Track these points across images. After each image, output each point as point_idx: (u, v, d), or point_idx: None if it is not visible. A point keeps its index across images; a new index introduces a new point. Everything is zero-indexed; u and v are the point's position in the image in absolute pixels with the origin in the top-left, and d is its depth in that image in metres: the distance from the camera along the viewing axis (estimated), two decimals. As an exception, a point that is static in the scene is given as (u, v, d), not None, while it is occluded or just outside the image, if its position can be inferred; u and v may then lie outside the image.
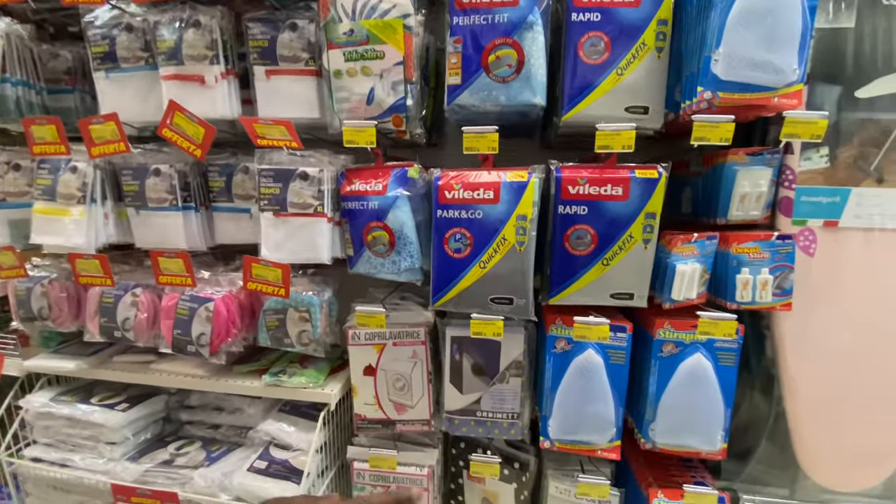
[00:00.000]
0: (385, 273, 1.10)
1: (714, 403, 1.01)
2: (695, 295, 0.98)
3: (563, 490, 1.18)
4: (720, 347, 1.01)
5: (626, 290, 1.00)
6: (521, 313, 1.00)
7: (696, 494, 1.03)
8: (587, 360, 1.03)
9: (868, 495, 1.10)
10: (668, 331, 1.02)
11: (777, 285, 0.96)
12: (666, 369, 1.03)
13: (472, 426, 1.19)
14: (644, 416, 1.06)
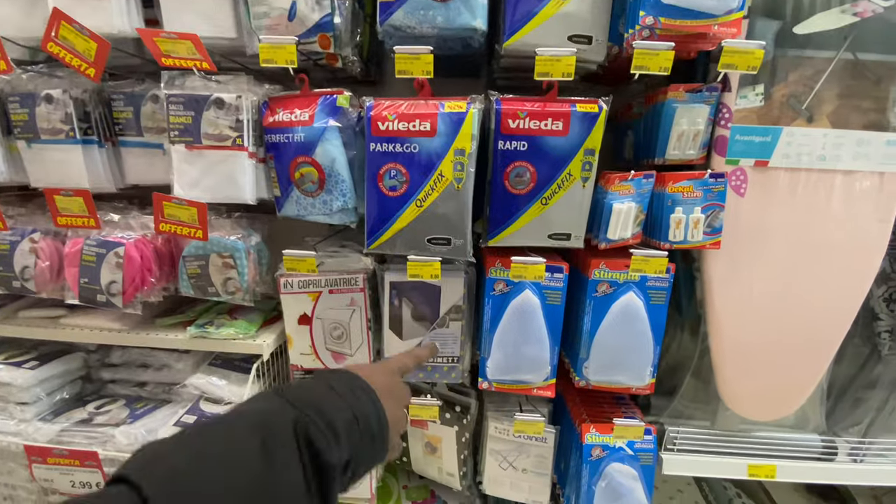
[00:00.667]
0: (316, 215, 1.03)
1: (644, 340, 1.04)
2: (630, 234, 0.98)
3: (501, 430, 1.21)
4: (652, 287, 1.02)
5: (564, 231, 0.99)
6: (459, 254, 0.97)
7: (624, 427, 1.07)
8: (524, 301, 1.02)
9: (781, 425, 1.19)
10: (602, 271, 1.02)
11: (708, 224, 0.98)
12: (600, 309, 1.04)
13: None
14: (578, 355, 1.08)
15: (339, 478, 0.46)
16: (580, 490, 1.13)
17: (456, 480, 1.33)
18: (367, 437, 0.52)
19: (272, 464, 0.39)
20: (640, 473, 1.10)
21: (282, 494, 0.38)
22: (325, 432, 0.45)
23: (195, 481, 0.36)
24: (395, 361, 0.83)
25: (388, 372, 0.71)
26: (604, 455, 1.11)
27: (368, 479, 1.27)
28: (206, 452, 0.39)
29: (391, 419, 0.57)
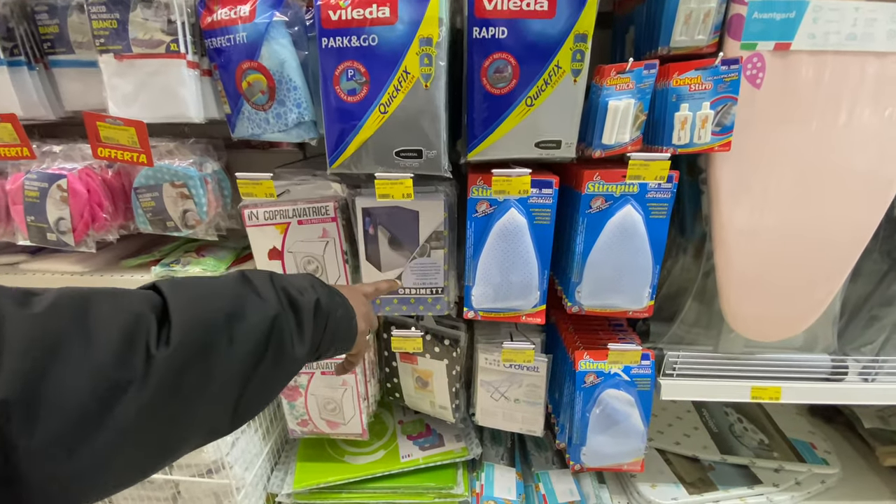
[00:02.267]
0: (271, 132, 0.91)
1: (643, 259, 0.94)
2: (628, 137, 0.86)
3: (491, 361, 1.15)
4: (652, 199, 0.92)
5: (554, 138, 0.87)
6: (433, 168, 0.85)
7: (619, 352, 1.00)
8: (509, 221, 0.92)
9: (787, 346, 1.13)
10: (597, 184, 0.91)
11: (718, 122, 0.85)
12: (594, 227, 0.94)
13: (395, 304, 1.10)
14: (570, 279, 0.99)
15: (309, 319, 0.52)
16: (574, 418, 1.09)
17: (449, 413, 1.31)
18: (334, 296, 0.60)
19: (251, 284, 0.49)
20: (637, 399, 1.05)
21: (258, 299, 0.48)
22: (295, 286, 0.53)
23: (196, 287, 0.45)
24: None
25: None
26: (598, 381, 1.05)
27: (360, 415, 1.24)
28: (206, 281, 0.48)
29: (354, 305, 0.64)
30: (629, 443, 1.09)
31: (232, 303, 0.45)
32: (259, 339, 0.45)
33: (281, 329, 0.47)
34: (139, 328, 0.37)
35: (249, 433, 1.27)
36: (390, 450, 1.38)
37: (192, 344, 0.39)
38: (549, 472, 1.31)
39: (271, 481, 1.35)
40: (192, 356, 0.39)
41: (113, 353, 0.35)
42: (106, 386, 0.33)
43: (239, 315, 0.45)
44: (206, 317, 0.42)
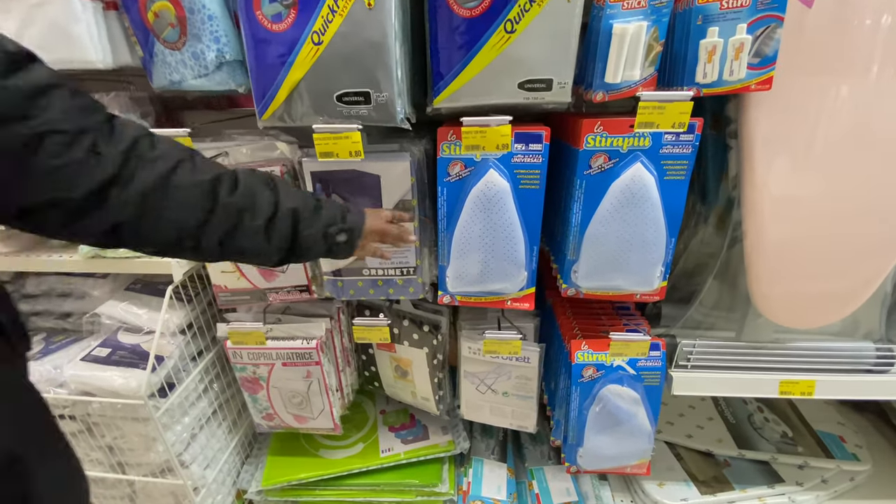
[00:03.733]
0: (191, 78, 0.73)
1: (654, 231, 0.76)
2: (639, 74, 0.67)
3: (475, 350, 1.00)
4: (668, 155, 0.73)
5: (542, 76, 0.68)
6: (384, 116, 0.67)
7: (623, 343, 0.84)
8: (489, 185, 0.75)
9: (822, 332, 0.95)
10: (599, 136, 0.72)
11: (756, 51, 0.65)
12: (595, 191, 0.76)
13: (360, 287, 0.94)
14: (566, 255, 0.82)
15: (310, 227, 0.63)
16: (570, 415, 0.94)
17: (432, 405, 1.17)
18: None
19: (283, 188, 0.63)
20: (644, 396, 0.90)
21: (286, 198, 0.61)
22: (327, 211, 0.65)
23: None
24: None
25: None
26: (598, 376, 0.89)
27: (329, 409, 1.10)
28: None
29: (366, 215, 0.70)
30: (633, 444, 0.94)
31: (275, 193, 0.61)
32: (270, 211, 0.60)
33: (296, 219, 0.61)
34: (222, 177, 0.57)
35: (212, 427, 1.15)
36: (369, 443, 1.26)
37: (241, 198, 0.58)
38: (545, 468, 1.18)
39: (241, 476, 1.24)
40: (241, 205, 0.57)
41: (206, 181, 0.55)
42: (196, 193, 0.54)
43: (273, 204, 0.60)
44: (257, 192, 0.59)
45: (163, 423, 0.98)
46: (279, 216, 0.60)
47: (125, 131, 0.50)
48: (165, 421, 0.99)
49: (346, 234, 0.66)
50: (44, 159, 0.44)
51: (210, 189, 0.55)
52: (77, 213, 0.48)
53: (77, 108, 0.47)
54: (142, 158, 0.50)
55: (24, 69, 0.44)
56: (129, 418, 0.99)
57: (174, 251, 0.57)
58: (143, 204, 0.50)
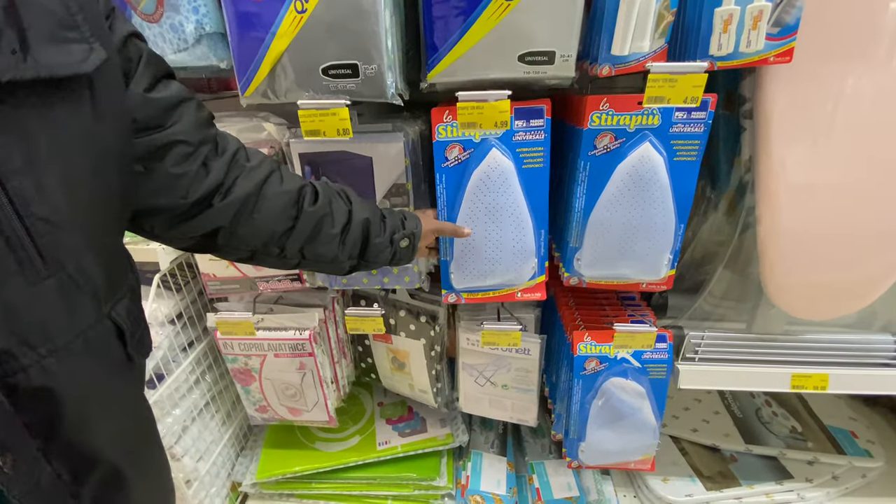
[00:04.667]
0: (171, 53, 0.69)
1: (663, 215, 0.72)
2: (648, 45, 0.62)
3: (473, 342, 0.96)
4: (678, 134, 0.68)
5: (543, 48, 0.63)
6: (374, 90, 0.63)
7: (628, 335, 0.80)
8: (491, 166, 0.70)
9: (839, 324, 0.91)
10: (604, 114, 0.68)
11: (776, 20, 0.60)
12: (599, 173, 0.72)
13: (353, 276, 0.90)
14: (568, 242, 0.78)
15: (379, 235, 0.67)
16: (571, 408, 0.91)
17: (430, 397, 1.14)
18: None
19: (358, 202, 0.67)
20: (649, 389, 0.86)
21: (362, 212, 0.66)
22: (391, 220, 0.70)
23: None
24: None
25: None
26: (601, 368, 0.86)
27: (324, 401, 1.07)
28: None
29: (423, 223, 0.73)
30: (638, 439, 0.90)
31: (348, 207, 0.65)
32: (345, 220, 0.64)
33: (367, 228, 0.65)
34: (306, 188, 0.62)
35: (205, 419, 1.12)
36: (366, 435, 1.23)
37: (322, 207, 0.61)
38: (546, 462, 1.15)
39: (236, 468, 1.22)
40: (322, 214, 0.61)
41: (293, 191, 0.59)
42: (284, 202, 0.59)
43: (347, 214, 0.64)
44: (334, 203, 0.63)
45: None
46: (353, 225, 0.64)
47: (228, 143, 0.55)
48: (156, 412, 0.96)
49: (407, 240, 0.69)
50: (167, 167, 0.48)
51: (295, 199, 0.59)
52: (183, 218, 0.52)
53: (201, 121, 0.51)
54: (241, 169, 0.55)
55: (164, 84, 0.48)
56: (117, 410, 0.96)
57: (260, 257, 0.61)
58: (241, 210, 0.55)
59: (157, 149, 0.47)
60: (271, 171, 0.58)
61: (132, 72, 0.44)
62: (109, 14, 0.42)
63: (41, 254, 0.33)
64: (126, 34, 0.43)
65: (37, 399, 0.34)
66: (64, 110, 0.34)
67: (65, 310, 0.35)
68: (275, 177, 0.58)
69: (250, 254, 0.60)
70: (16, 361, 0.32)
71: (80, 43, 0.35)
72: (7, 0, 0.30)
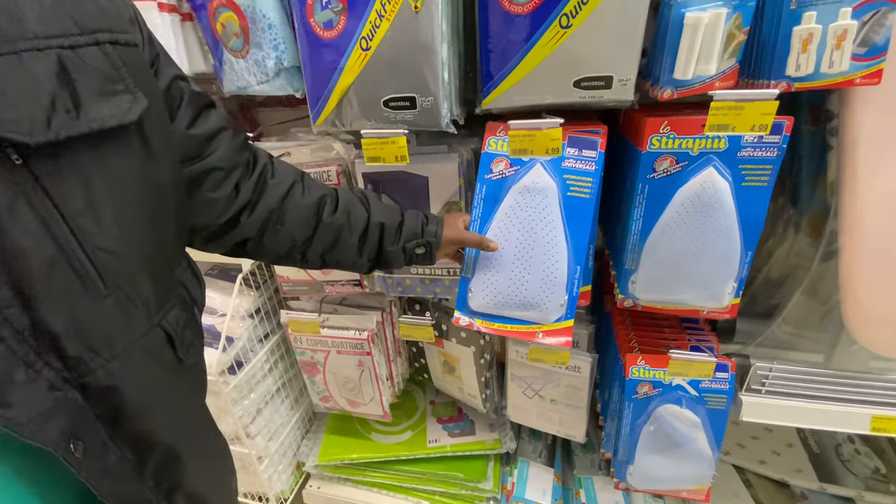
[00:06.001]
0: (255, 84, 0.77)
1: (727, 243, 0.68)
2: (715, 68, 0.59)
3: (522, 354, 0.98)
4: (747, 159, 0.64)
5: (601, 73, 0.62)
6: (430, 120, 0.66)
7: (684, 362, 0.77)
8: (533, 181, 0.70)
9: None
10: (665, 137, 0.66)
11: (863, 40, 0.55)
12: (659, 197, 0.69)
13: (408, 285, 0.96)
14: (624, 263, 0.77)
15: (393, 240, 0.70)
16: (621, 430, 0.89)
17: (479, 402, 1.17)
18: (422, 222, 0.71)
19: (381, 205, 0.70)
20: (706, 419, 0.82)
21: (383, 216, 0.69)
22: (409, 223, 0.71)
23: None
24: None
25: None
26: (654, 394, 0.83)
27: (379, 396, 1.15)
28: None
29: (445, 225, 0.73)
30: (690, 468, 0.87)
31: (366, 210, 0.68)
32: (363, 227, 0.67)
33: (382, 234, 0.68)
34: (326, 199, 0.64)
35: (276, 403, 1.25)
36: (418, 431, 1.29)
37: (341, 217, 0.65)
38: (594, 477, 1.14)
39: (301, 450, 1.34)
40: (340, 223, 0.65)
41: (312, 203, 0.63)
42: (304, 214, 0.63)
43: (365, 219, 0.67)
44: (352, 211, 0.66)
45: (232, 397, 1.08)
46: (370, 231, 0.66)
47: (257, 162, 0.60)
48: (234, 395, 1.09)
49: (424, 248, 0.70)
50: (204, 192, 0.53)
51: (315, 210, 0.63)
52: (216, 234, 0.58)
53: (236, 148, 0.56)
54: (266, 185, 0.60)
55: (204, 117, 0.53)
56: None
57: (286, 261, 0.66)
58: (265, 224, 0.60)
59: (197, 176, 0.52)
60: (293, 184, 0.62)
61: (176, 110, 0.49)
62: (154, 60, 0.46)
63: (102, 278, 0.38)
64: (171, 78, 0.48)
65: (104, 395, 0.41)
66: (115, 155, 0.39)
67: (123, 322, 0.41)
68: (296, 190, 0.62)
69: (276, 258, 0.65)
70: (86, 365, 0.39)
71: (125, 94, 0.39)
72: (59, 65, 0.35)
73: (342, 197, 0.66)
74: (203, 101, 0.53)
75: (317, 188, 0.65)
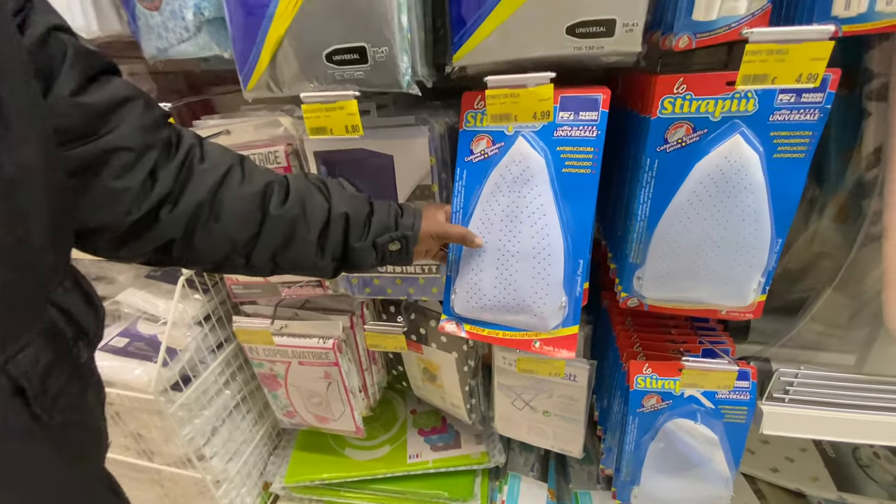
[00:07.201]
0: (176, 43, 0.62)
1: (753, 228, 0.56)
2: (744, 7, 0.46)
3: (510, 361, 0.85)
4: (782, 124, 0.52)
5: (599, 15, 0.49)
6: (386, 77, 0.52)
7: (700, 372, 0.65)
8: (515, 160, 0.57)
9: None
10: (680, 98, 0.53)
11: (946, -41, 0.42)
12: (670, 174, 0.57)
13: (376, 286, 0.82)
14: (627, 257, 0.64)
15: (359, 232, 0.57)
16: (624, 447, 0.78)
17: (463, 413, 1.05)
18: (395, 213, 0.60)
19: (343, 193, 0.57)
20: (724, 435, 0.71)
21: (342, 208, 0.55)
22: (379, 219, 0.58)
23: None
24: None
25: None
26: (662, 406, 0.72)
27: (350, 412, 1.02)
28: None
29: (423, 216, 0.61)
30: (705, 489, 0.76)
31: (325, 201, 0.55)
32: (323, 220, 0.54)
33: (346, 228, 0.56)
34: (272, 186, 0.52)
35: (236, 420, 1.11)
36: (397, 445, 1.17)
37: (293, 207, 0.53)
38: (592, 493, 1.03)
39: (268, 468, 1.20)
40: (293, 215, 0.53)
41: (256, 192, 0.51)
42: (245, 206, 0.50)
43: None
44: (309, 201, 0.54)
45: (179, 417, 0.94)
46: (332, 224, 0.55)
47: (182, 144, 0.48)
48: (182, 415, 0.95)
49: (399, 243, 0.58)
50: (105, 181, 0.41)
51: (260, 201, 0.51)
52: (129, 236, 0.44)
53: (148, 125, 0.44)
54: (193, 172, 0.47)
55: (100, 84, 0.41)
56: (146, 410, 0.96)
57: (227, 267, 0.54)
58: (194, 220, 0.47)
59: (92, 159, 0.40)
60: (229, 171, 0.49)
61: (55, 70, 0.37)
62: (22, 8, 0.34)
63: None
64: (47, 28, 0.35)
65: None
66: None
67: None
68: (233, 177, 0.50)
69: (214, 265, 0.52)
70: None
71: None
72: None
73: (294, 184, 0.54)
74: (100, 64, 0.41)
75: (261, 174, 0.53)
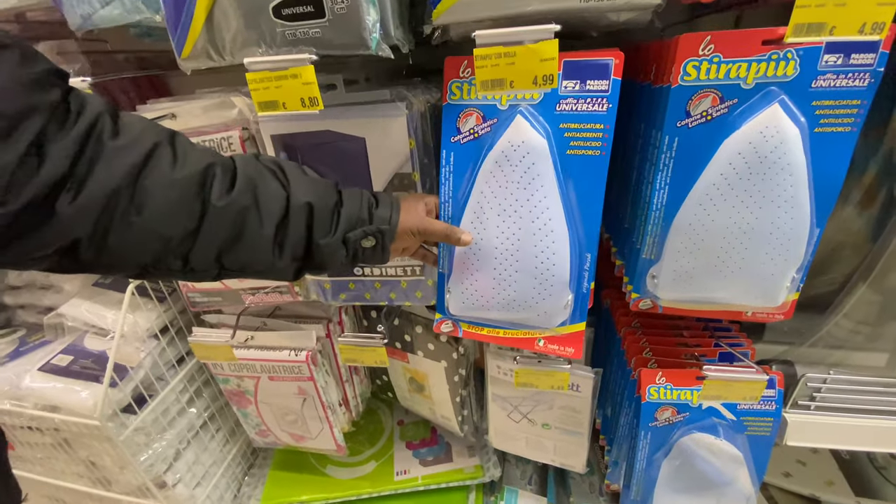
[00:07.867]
0: (100, 8, 0.51)
1: (791, 215, 0.48)
2: (792, -59, 0.37)
3: (505, 370, 0.76)
4: (826, 90, 0.43)
5: (612, -42, 0.40)
6: (349, 37, 0.42)
7: (723, 382, 0.57)
8: (512, 141, 0.48)
9: None
10: (706, 62, 0.44)
11: None
12: (693, 154, 0.48)
13: (352, 291, 0.72)
14: (639, 253, 0.55)
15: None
16: (634, 464, 0.69)
17: (454, 425, 0.96)
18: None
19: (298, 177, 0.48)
20: (748, 450, 0.63)
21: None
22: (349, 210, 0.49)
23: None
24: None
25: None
26: (678, 420, 0.63)
27: (329, 429, 0.92)
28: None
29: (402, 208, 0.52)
30: (725, 508, 0.68)
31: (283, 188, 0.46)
32: (280, 211, 0.45)
33: (310, 220, 0.47)
34: (214, 169, 0.43)
35: (203, 440, 1.00)
36: (383, 461, 1.07)
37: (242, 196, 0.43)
38: (594, 506, 0.95)
39: (243, 490, 1.10)
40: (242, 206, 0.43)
41: (191, 176, 0.41)
42: (177, 195, 0.40)
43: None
44: (261, 188, 0.44)
45: (134, 443, 0.83)
46: (291, 216, 0.45)
47: (85, 113, 0.36)
48: (139, 440, 0.84)
49: (373, 239, 0.49)
50: None
51: (199, 187, 0.41)
52: (10, 233, 0.34)
53: (25, 81, 0.33)
54: (103, 149, 0.36)
55: None
56: (95, 436, 0.85)
57: (158, 271, 0.43)
58: (107, 212, 0.37)
59: None
60: (154, 149, 0.39)
61: None
62: None
63: None
64: None
65: None
66: None
67: None
68: (160, 157, 0.39)
69: (139, 269, 0.42)
70: None
71: None
72: None
73: (242, 166, 0.44)
74: None
75: (198, 154, 0.42)
